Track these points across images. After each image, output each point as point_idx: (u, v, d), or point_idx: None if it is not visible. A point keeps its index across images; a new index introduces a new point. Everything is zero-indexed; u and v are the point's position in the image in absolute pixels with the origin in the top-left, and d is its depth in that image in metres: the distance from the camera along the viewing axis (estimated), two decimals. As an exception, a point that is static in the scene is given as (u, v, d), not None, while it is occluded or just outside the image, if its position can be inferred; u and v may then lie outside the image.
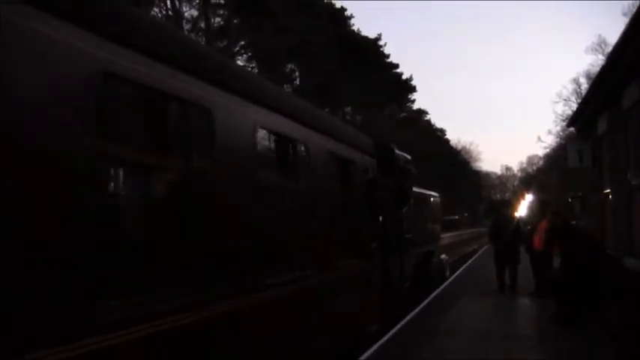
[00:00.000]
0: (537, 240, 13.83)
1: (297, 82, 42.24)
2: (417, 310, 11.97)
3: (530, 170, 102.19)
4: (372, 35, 48.99)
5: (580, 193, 18.83)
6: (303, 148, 6.81)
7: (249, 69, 34.49)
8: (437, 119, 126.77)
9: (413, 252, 13.10)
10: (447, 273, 19.24)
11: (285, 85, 37.15)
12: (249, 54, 37.57)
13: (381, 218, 10.09)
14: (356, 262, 8.67)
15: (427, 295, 14.06)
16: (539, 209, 16.85)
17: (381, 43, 49.58)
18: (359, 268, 8.85)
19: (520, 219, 19.13)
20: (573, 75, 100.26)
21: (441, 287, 15.72)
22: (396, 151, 11.56)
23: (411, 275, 12.83)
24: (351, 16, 45.93)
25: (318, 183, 7.11)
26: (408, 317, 11.07)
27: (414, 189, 13.70)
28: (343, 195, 8.24)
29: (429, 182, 21.27)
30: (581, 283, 10.51)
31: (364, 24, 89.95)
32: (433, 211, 19.40)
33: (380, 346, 8.68)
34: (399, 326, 10.23)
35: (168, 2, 33.36)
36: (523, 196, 52.48)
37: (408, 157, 12.80)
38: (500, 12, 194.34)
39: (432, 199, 19.50)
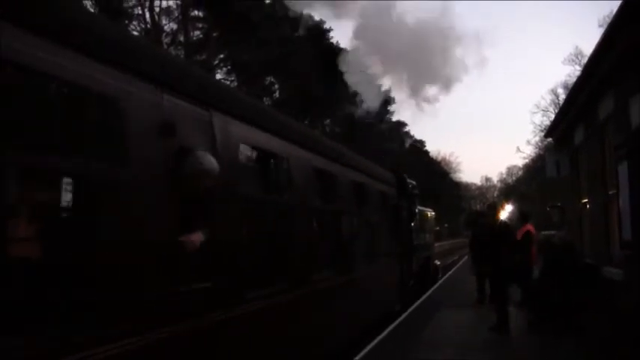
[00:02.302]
0: None
1: (277, 94, 42.19)
2: (400, 319, 12.04)
3: (509, 181, 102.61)
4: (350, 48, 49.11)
5: (559, 203, 18.96)
6: (365, 190, 10.66)
7: (228, 82, 34.44)
8: (416, 130, 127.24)
9: (417, 257, 17.21)
10: (440, 275, 22.91)
11: (264, 99, 37.11)
12: (229, 67, 37.53)
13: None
14: (389, 263, 12.76)
15: (426, 290, 17.40)
16: (518, 219, 17.01)
17: (360, 55, 49.69)
18: (390, 267, 12.90)
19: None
20: (551, 86, 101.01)
21: (423, 297, 15.74)
22: (407, 180, 15.47)
23: (416, 274, 16.72)
24: (330, 29, 46.04)
25: (374, 210, 11.45)
26: (391, 326, 11.14)
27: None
28: (382, 216, 12.24)
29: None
30: (557, 293, 10.58)
31: (342, 38, 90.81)
32: (430, 225, 24.19)
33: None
34: (384, 334, 10.30)
35: (147, 16, 33.28)
36: (503, 207, 52.67)
37: (414, 182, 16.86)
38: (480, 23, 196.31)
39: (428, 214, 24.10)
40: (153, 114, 4.07)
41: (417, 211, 17.33)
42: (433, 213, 26.22)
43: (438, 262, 23.74)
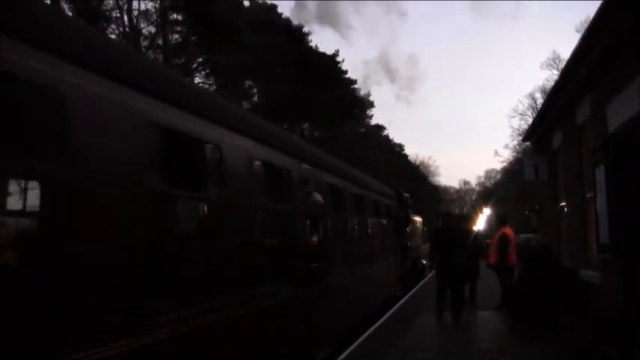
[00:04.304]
0: (491, 254, 14.00)
1: (256, 98, 42.02)
2: (380, 321, 12.06)
3: (488, 184, 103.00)
4: (329, 52, 48.89)
5: (537, 207, 19.08)
6: (380, 205, 14.95)
7: (207, 86, 34.23)
8: (395, 134, 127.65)
9: (410, 256, 21.37)
10: (426, 272, 25.78)
11: (243, 102, 36.94)
12: (207, 70, 37.28)
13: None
14: (393, 259, 16.60)
15: (416, 284, 20.90)
16: (496, 222, 17.18)
17: (338, 59, 49.40)
18: (393, 262, 16.72)
19: (478, 232, 19.37)
20: (529, 90, 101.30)
21: (400, 302, 15.78)
22: (403, 193, 19.92)
23: (409, 270, 20.31)
24: (309, 33, 45.89)
25: (386, 219, 15.64)
26: (373, 329, 11.12)
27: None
28: (390, 224, 16.33)
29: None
30: (535, 296, 10.63)
31: (320, 42, 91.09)
32: (418, 230, 29.65)
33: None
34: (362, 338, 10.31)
35: (126, 19, 32.97)
36: (481, 210, 52.91)
37: (408, 194, 21.11)
38: (457, 26, 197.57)
39: (417, 220, 29.11)
40: (299, 175, 7.82)
41: (409, 218, 21.31)
42: (421, 219, 32.14)
43: (425, 262, 26.75)
